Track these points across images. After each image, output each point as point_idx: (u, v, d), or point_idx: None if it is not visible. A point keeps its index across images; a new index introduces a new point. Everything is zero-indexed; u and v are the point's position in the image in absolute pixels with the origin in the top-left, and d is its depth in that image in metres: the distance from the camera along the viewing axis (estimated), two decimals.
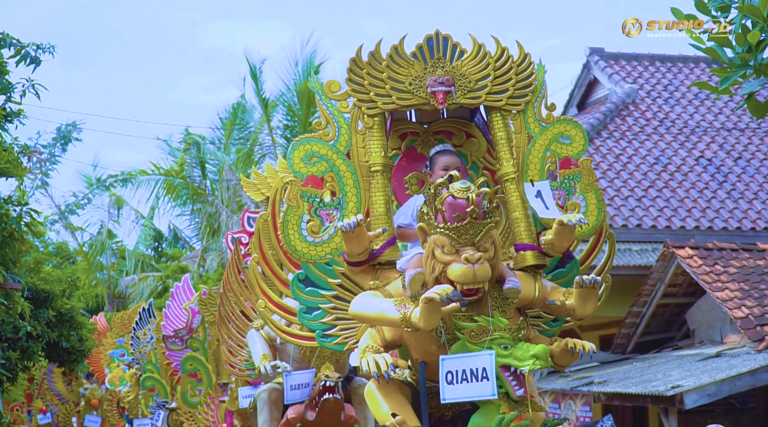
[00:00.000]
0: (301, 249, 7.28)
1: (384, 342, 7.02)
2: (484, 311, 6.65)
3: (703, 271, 17.77)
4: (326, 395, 9.71)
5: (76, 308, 18.54)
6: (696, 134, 23.66)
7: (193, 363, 16.48)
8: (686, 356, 17.40)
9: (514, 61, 7.41)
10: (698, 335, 18.56)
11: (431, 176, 7.46)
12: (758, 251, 18.96)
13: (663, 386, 14.67)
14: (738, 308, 16.64)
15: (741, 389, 14.87)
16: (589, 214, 7.43)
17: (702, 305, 18.34)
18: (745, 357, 15.53)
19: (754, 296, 17.02)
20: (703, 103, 24.80)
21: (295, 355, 10.40)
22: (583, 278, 6.68)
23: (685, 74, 25.94)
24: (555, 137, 7.42)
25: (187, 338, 17.05)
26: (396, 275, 7.14)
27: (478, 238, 6.51)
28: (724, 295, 17.08)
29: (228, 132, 36.43)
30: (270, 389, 10.49)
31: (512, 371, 6.43)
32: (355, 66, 7.35)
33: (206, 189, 37.75)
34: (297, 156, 7.29)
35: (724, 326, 17.69)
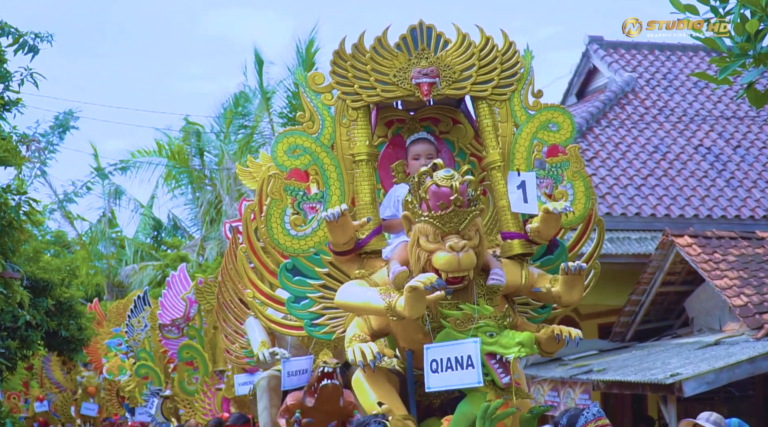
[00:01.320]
0: (284, 243, 7.29)
1: (371, 331, 7.05)
2: (470, 299, 6.66)
3: (702, 259, 17.77)
4: (325, 381, 9.72)
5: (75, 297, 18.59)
6: (695, 123, 23.64)
7: (189, 351, 16.49)
8: (685, 344, 17.39)
9: (499, 51, 7.38)
10: (697, 323, 18.55)
11: (407, 166, 7.53)
12: (757, 239, 18.94)
13: (662, 374, 14.66)
14: (737, 296, 16.63)
15: (740, 377, 14.86)
16: (576, 202, 7.43)
17: (701, 293, 18.33)
18: (744, 345, 15.52)
19: (752, 284, 17.01)
20: (702, 91, 24.78)
21: (293, 341, 10.43)
22: (569, 265, 6.74)
23: (684, 63, 25.89)
24: (542, 125, 7.41)
25: (184, 326, 17.08)
26: (382, 264, 7.15)
27: (462, 226, 6.52)
28: (722, 283, 17.07)
29: (228, 121, 36.44)
30: (269, 376, 10.50)
31: (498, 358, 6.41)
32: (339, 58, 7.31)
33: (206, 178, 37.79)
34: (280, 149, 7.27)
35: (722, 314, 17.68)
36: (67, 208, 43.43)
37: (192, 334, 16.66)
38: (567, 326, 7.00)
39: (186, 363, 16.70)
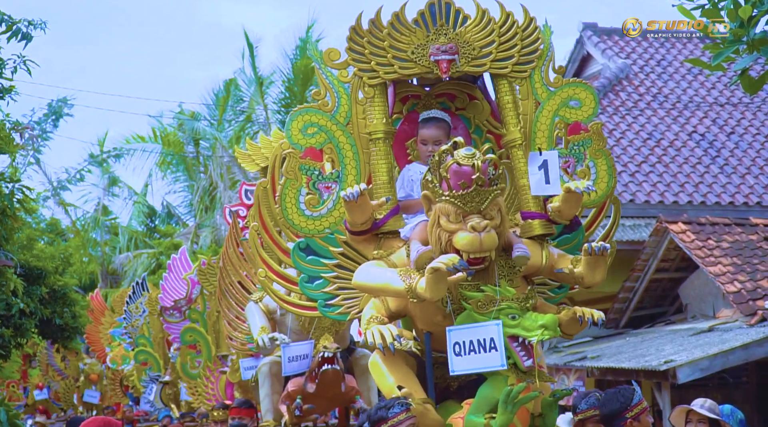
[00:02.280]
0: (299, 223, 7.12)
1: (388, 312, 6.87)
2: (491, 281, 6.50)
3: (696, 246, 17.77)
4: (325, 366, 9.62)
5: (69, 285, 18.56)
6: (689, 109, 23.60)
7: (192, 334, 16.43)
8: (679, 331, 17.40)
9: (519, 27, 7.16)
10: (691, 309, 18.56)
11: (416, 143, 7.37)
12: (750, 225, 18.94)
13: (656, 361, 14.67)
14: (730, 283, 16.64)
15: (733, 364, 14.87)
16: (599, 180, 7.27)
17: (695, 279, 18.33)
18: (738, 332, 15.54)
19: (746, 270, 17.01)
20: (696, 77, 24.74)
21: (293, 327, 10.32)
22: (592, 246, 6.57)
23: (678, 49, 25.83)
24: (564, 102, 7.22)
25: (186, 309, 17.02)
26: (400, 244, 6.98)
27: (484, 205, 6.35)
28: (716, 269, 17.08)
29: (222, 108, 36.37)
30: (271, 362, 10.39)
31: (520, 341, 6.26)
32: (356, 34, 7.10)
33: (200, 165, 37.74)
34: (295, 127, 7.10)
35: (716, 301, 17.69)
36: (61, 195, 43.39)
37: (195, 317, 16.57)
38: (588, 308, 6.83)
39: (189, 347, 16.66)
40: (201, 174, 37.17)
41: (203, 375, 15.85)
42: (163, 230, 42.97)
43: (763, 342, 14.65)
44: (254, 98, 35.25)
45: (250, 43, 34.58)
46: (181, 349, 16.99)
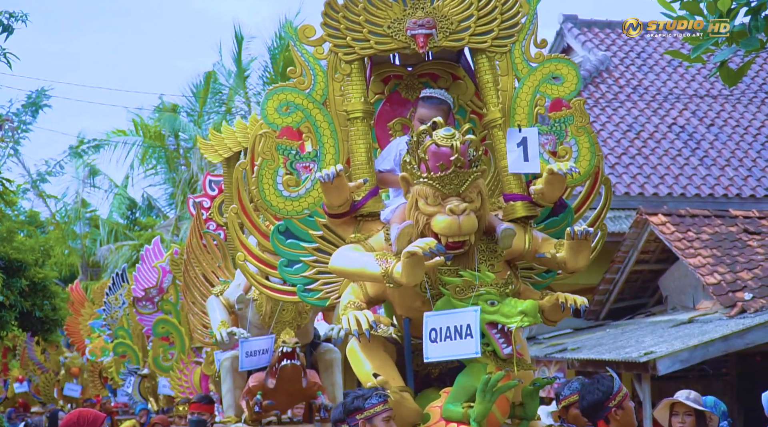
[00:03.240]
0: (276, 204, 6.91)
1: (367, 298, 6.68)
2: (471, 265, 6.31)
3: (676, 237, 17.76)
4: (284, 361, 9.51)
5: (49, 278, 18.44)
6: (669, 101, 23.58)
7: (165, 326, 16.25)
8: (659, 323, 17.40)
9: (499, 0, 6.94)
10: (671, 301, 18.57)
11: (413, 119, 7.13)
12: (730, 217, 18.94)
13: (636, 353, 14.66)
14: (710, 275, 16.63)
15: (713, 355, 14.84)
16: (581, 159, 7.03)
17: (674, 271, 18.34)
18: (717, 323, 15.54)
19: (726, 262, 17.01)
20: (675, 70, 24.72)
21: (253, 321, 10.13)
22: (575, 230, 6.32)
23: (658, 41, 25.76)
24: (545, 77, 6.99)
25: (158, 300, 16.84)
26: (379, 227, 6.77)
27: (463, 188, 6.16)
28: (696, 261, 17.07)
29: (202, 100, 36.31)
30: (233, 357, 10.20)
31: (499, 328, 6.09)
32: (330, 9, 6.87)
33: (180, 157, 37.67)
34: (271, 106, 6.88)
35: (696, 293, 17.70)
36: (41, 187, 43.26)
37: (167, 308, 16.40)
38: (571, 294, 6.61)
39: (161, 338, 16.51)
40: (182, 166, 37.10)
41: (177, 368, 15.73)
42: (143, 223, 42.90)
43: (742, 334, 14.64)
44: (234, 90, 35.22)
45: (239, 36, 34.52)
46: (153, 341, 16.85)
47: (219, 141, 11.50)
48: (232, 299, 10.20)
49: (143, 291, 17.15)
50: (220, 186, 12.10)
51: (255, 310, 10.07)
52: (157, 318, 16.48)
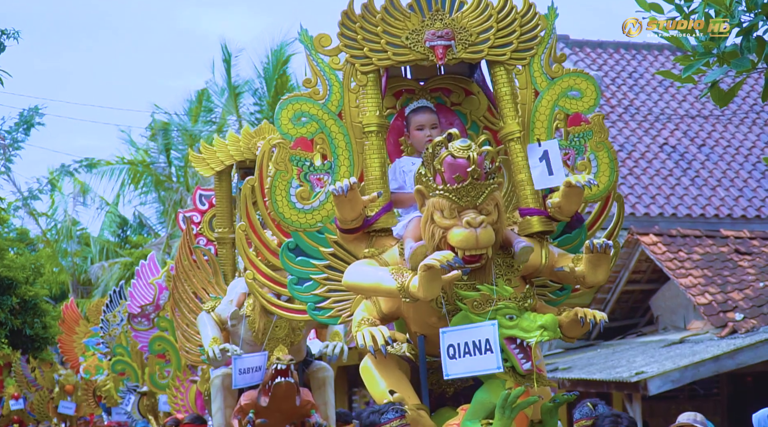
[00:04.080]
0: (289, 217, 6.72)
1: (380, 314, 6.50)
2: (488, 279, 6.14)
3: (667, 257, 17.80)
4: (278, 378, 9.31)
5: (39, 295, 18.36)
6: (660, 121, 23.61)
7: (161, 343, 16.08)
8: (650, 343, 17.44)
9: (518, 12, 6.80)
10: (662, 321, 18.61)
11: (408, 137, 6.98)
12: (721, 237, 18.99)
13: (627, 373, 14.68)
14: (701, 295, 16.67)
15: (704, 376, 14.88)
16: (600, 174, 6.90)
17: (666, 291, 18.38)
18: (708, 343, 15.57)
19: (717, 282, 17.05)
20: (667, 90, 24.74)
21: (246, 338, 9.92)
22: (594, 243, 6.20)
23: (649, 62, 25.83)
24: (564, 92, 6.86)
25: (154, 316, 16.67)
26: (392, 243, 6.59)
27: (480, 200, 5.99)
28: (687, 281, 17.11)
29: (194, 118, 36.31)
30: (223, 374, 10.03)
31: (518, 343, 5.95)
32: (347, 19, 6.71)
33: (171, 175, 37.66)
34: (285, 116, 6.69)
35: (687, 313, 17.74)
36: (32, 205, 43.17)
37: (163, 325, 16.19)
38: (590, 309, 6.45)
39: (158, 356, 16.39)
40: (173, 184, 37.08)
41: (173, 385, 15.62)
42: (134, 241, 42.82)
43: (733, 354, 14.68)
44: (226, 109, 35.22)
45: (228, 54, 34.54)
46: (149, 358, 16.75)
47: (211, 154, 11.30)
48: (224, 316, 10.06)
49: (139, 308, 17.04)
50: (211, 200, 11.88)
51: (248, 326, 9.89)
52: (153, 335, 16.32)
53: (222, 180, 11.22)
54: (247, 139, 10.96)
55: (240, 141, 11.04)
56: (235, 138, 11.16)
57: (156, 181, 37.44)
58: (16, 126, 38.93)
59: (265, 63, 33.56)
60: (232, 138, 11.22)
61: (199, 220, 12.00)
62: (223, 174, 11.23)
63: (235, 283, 10.41)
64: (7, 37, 13.62)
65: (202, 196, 12.36)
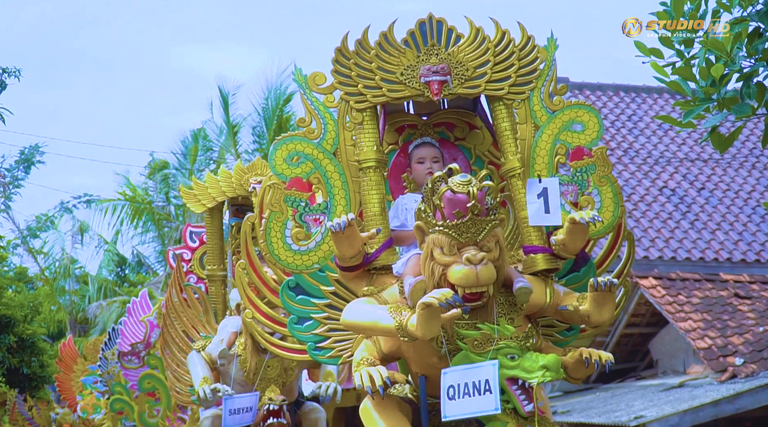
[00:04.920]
0: (285, 259, 6.58)
1: (381, 354, 6.32)
2: (489, 318, 5.98)
3: (666, 301, 17.78)
4: (270, 419, 9.18)
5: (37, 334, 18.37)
6: (660, 164, 23.63)
7: (150, 381, 15.91)
8: (649, 386, 17.39)
9: (516, 46, 6.64)
10: (661, 365, 18.56)
11: (411, 173, 6.86)
12: (721, 281, 18.97)
13: (626, 417, 14.62)
14: (701, 339, 16.63)
15: (703, 420, 14.80)
16: (604, 209, 6.71)
17: (665, 335, 18.34)
18: (708, 388, 15.52)
19: (716, 326, 17.02)
20: (666, 133, 24.76)
21: (237, 378, 9.73)
22: (598, 281, 5.99)
23: (648, 105, 25.89)
24: (565, 125, 6.69)
25: (144, 354, 16.57)
26: (392, 281, 6.42)
27: (480, 236, 5.83)
28: (687, 325, 17.07)
29: (192, 157, 36.35)
30: (213, 415, 9.87)
31: (520, 384, 5.80)
32: (341, 56, 6.58)
33: (170, 214, 37.66)
34: (279, 156, 6.56)
35: (687, 357, 17.70)
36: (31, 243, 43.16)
37: (153, 363, 16.06)
38: (595, 350, 6.20)
39: (147, 394, 16.28)
40: (172, 223, 37.07)
41: (162, 424, 15.50)
42: (132, 280, 42.74)
43: (733, 399, 14.62)
44: (224, 147, 35.26)
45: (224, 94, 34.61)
46: (139, 396, 16.63)
47: (202, 190, 11.15)
48: (215, 355, 9.87)
49: (130, 346, 16.91)
50: (201, 237, 11.74)
51: (239, 366, 9.70)
52: (142, 373, 16.18)
53: (213, 217, 11.08)
54: (239, 175, 10.81)
55: (232, 177, 10.90)
56: (227, 174, 11.02)
57: (155, 220, 37.44)
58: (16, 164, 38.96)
59: (264, 100, 33.61)
60: (224, 174, 11.08)
61: (190, 257, 11.89)
62: (214, 210, 11.08)
63: (226, 322, 10.24)
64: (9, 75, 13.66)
65: (193, 234, 12.21)
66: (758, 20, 7.93)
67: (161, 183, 37.20)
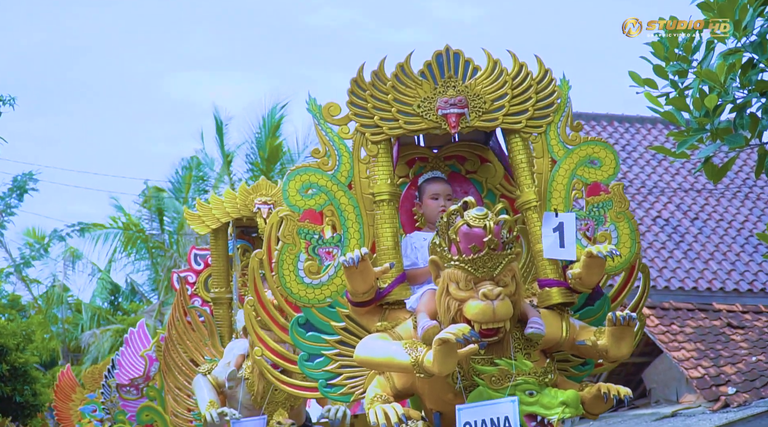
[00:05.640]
0: (297, 292, 6.45)
1: (394, 391, 6.22)
2: (506, 354, 5.88)
3: (660, 330, 17.79)
4: None
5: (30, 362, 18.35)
6: (653, 194, 23.66)
7: (149, 413, 15.81)
8: (642, 415, 17.38)
9: (534, 79, 6.57)
10: (654, 394, 18.55)
11: (420, 207, 6.75)
12: (714, 311, 19.00)
13: None
14: (694, 368, 16.64)
15: None
16: (621, 245, 6.62)
17: (658, 364, 18.34)
18: (701, 417, 15.52)
19: (710, 356, 17.04)
20: (660, 163, 24.81)
21: (245, 402, 9.62)
22: (617, 315, 5.89)
23: (642, 135, 25.92)
24: (582, 161, 6.61)
25: (143, 386, 16.56)
26: (406, 316, 6.28)
27: (497, 271, 5.74)
28: (680, 355, 17.08)
29: (187, 185, 36.37)
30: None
31: (539, 420, 5.70)
32: (357, 87, 6.48)
33: (164, 242, 37.65)
34: (293, 187, 6.45)
35: (680, 386, 17.70)
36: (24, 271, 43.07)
37: (152, 395, 15.90)
38: (613, 385, 6.12)
39: (145, 426, 16.25)
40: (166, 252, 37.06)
41: None
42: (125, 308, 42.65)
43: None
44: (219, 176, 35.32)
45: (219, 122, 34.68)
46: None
47: (206, 212, 11.05)
48: (221, 378, 9.75)
49: (129, 380, 16.85)
50: (206, 260, 11.59)
51: (246, 389, 9.60)
52: (141, 405, 16.09)
53: (218, 238, 10.99)
54: (243, 196, 10.74)
55: (237, 198, 10.83)
56: (231, 195, 10.94)
57: (148, 248, 37.44)
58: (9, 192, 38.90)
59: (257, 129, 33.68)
60: (228, 195, 10.99)
61: (194, 280, 11.70)
62: (219, 232, 10.98)
63: (232, 344, 10.13)
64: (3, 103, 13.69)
65: (198, 256, 11.97)
66: (752, 51, 8.00)
67: (155, 211, 37.21)
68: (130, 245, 37.64)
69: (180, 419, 10.96)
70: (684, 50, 8.10)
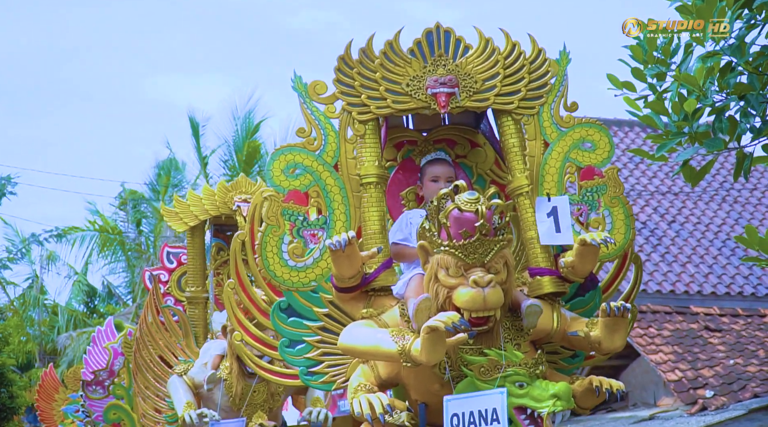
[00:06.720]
0: (281, 275, 6.21)
1: (378, 380, 5.98)
2: (496, 344, 5.66)
3: (637, 334, 17.79)
4: None
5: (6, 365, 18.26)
6: (631, 198, 23.72)
7: (116, 412, 15.51)
8: (620, 419, 17.37)
9: (527, 58, 6.33)
10: (632, 397, 18.56)
11: (421, 189, 6.51)
12: (691, 314, 19.01)
13: None
14: (671, 371, 16.65)
15: None
16: (615, 232, 6.39)
17: (636, 367, 18.34)
18: (678, 420, 15.53)
19: (687, 359, 17.05)
20: (637, 166, 24.82)
21: (222, 403, 9.45)
22: (611, 305, 5.70)
23: (620, 138, 25.84)
24: (575, 143, 6.41)
25: (109, 384, 16.25)
26: (392, 303, 6.05)
27: (488, 257, 5.51)
28: (657, 358, 17.08)
29: (164, 188, 36.29)
30: None
31: (528, 413, 5.50)
32: (344, 65, 6.23)
33: (141, 245, 37.54)
34: (277, 167, 6.21)
35: (657, 389, 17.70)
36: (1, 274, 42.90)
37: (119, 393, 15.71)
38: (606, 378, 6.03)
39: (113, 425, 16.03)
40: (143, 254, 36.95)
41: None
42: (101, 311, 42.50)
43: None
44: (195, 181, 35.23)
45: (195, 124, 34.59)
46: None
47: (184, 209, 10.88)
48: (198, 379, 9.61)
49: (92, 374, 16.60)
50: (179, 258, 11.47)
51: (225, 391, 9.43)
52: (108, 404, 15.86)
53: (195, 236, 10.81)
54: (222, 194, 10.56)
55: (215, 195, 10.64)
56: (209, 192, 10.76)
57: (125, 250, 37.33)
58: None
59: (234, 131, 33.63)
60: (206, 192, 10.82)
61: (167, 278, 11.56)
62: (196, 230, 10.81)
63: (208, 345, 9.97)
64: None
65: (170, 254, 11.87)
66: (730, 54, 8.00)
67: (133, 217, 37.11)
68: (106, 247, 37.50)
69: (149, 420, 10.73)
70: (662, 53, 8.09)
